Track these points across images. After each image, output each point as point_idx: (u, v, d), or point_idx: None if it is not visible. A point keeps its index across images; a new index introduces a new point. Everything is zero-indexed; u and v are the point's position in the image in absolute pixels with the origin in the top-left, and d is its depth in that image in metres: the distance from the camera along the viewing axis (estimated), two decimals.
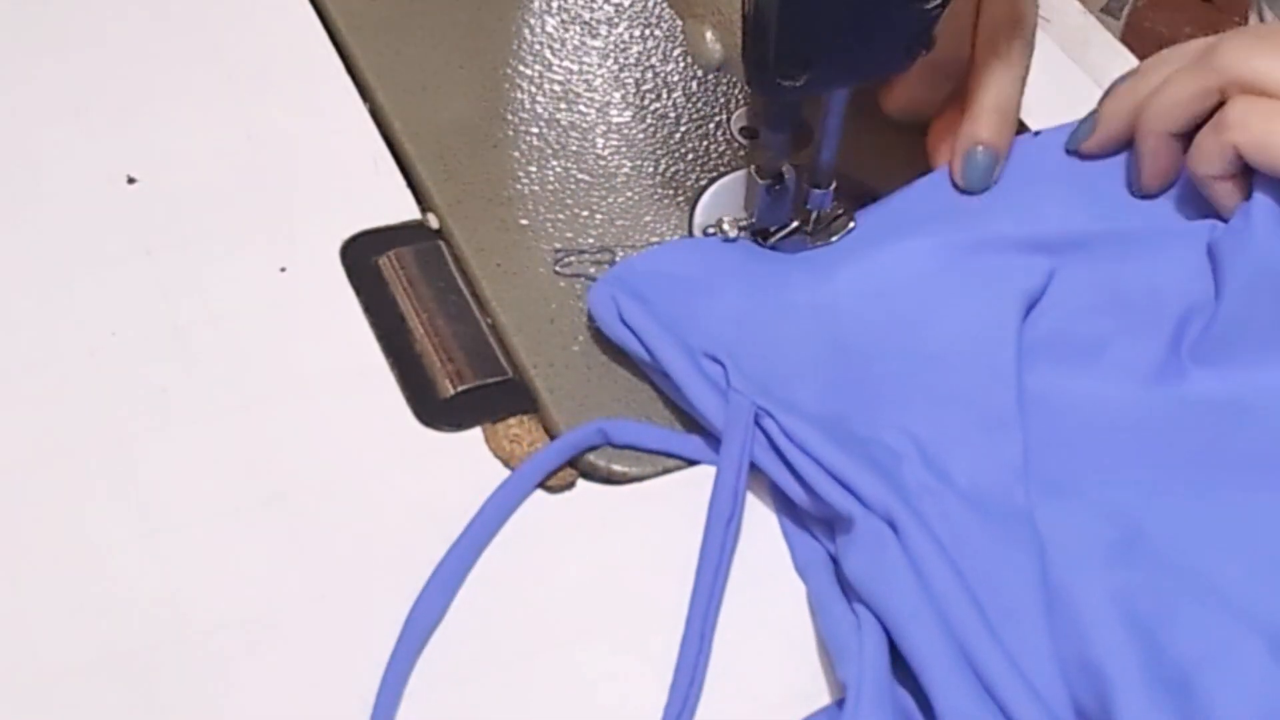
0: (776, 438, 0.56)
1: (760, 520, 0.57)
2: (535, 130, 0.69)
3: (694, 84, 0.72)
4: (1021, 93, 0.65)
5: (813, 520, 0.56)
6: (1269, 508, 0.54)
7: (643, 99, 0.71)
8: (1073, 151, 0.65)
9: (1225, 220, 0.62)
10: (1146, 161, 0.63)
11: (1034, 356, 0.59)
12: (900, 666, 0.51)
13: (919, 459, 0.55)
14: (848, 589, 0.54)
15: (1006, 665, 0.49)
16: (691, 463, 0.58)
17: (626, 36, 0.74)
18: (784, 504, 0.57)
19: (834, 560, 0.55)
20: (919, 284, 0.61)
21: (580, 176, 0.68)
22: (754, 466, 0.56)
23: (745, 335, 0.59)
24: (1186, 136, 0.62)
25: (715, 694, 0.52)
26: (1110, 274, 0.62)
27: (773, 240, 0.64)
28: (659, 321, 0.59)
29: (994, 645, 0.50)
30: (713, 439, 0.58)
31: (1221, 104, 0.60)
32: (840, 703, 0.51)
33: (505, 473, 0.57)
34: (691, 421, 0.59)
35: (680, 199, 0.67)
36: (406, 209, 0.66)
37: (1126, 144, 0.64)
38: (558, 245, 0.65)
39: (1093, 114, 0.65)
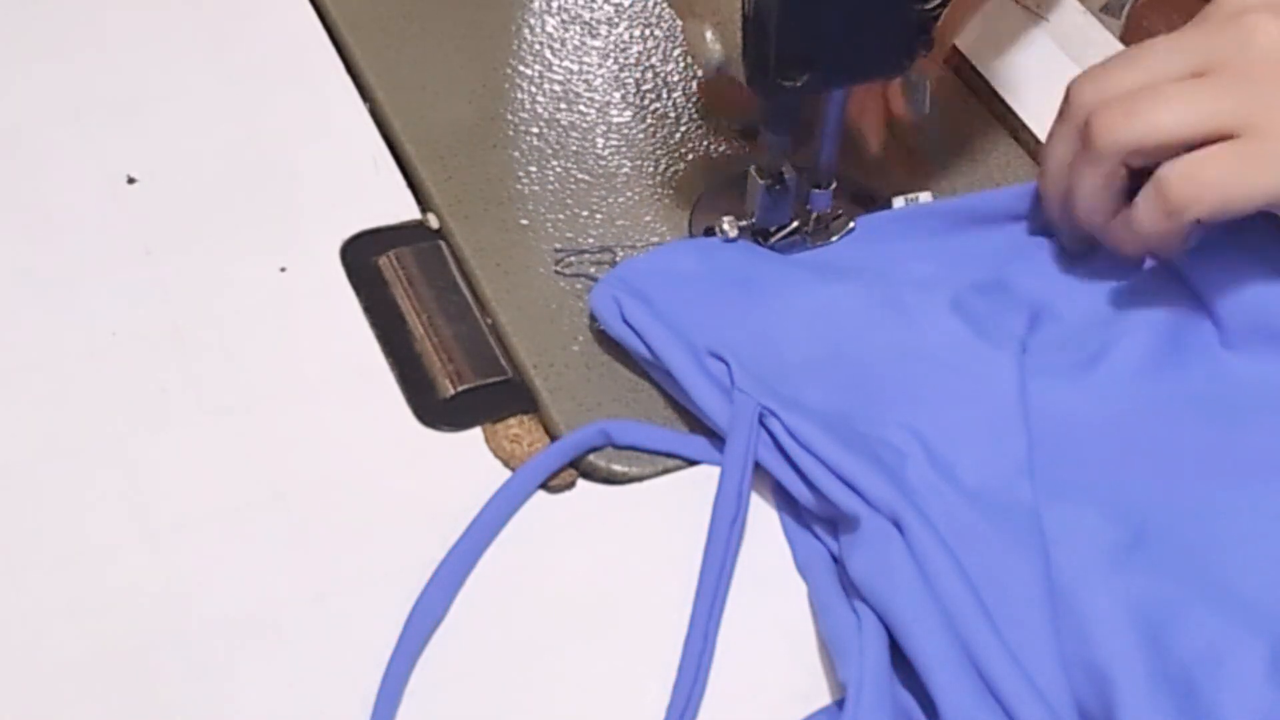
0: (781, 437, 0.56)
1: (762, 520, 0.57)
2: (535, 130, 0.69)
3: (694, 84, 0.72)
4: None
5: (815, 519, 0.56)
6: (1273, 507, 0.54)
7: (643, 99, 0.71)
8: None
9: None
10: (1109, 240, 0.59)
11: (1035, 357, 0.59)
12: (901, 666, 0.51)
13: (924, 457, 0.55)
14: (849, 588, 0.54)
15: (1010, 665, 0.49)
16: (692, 463, 0.58)
17: (626, 36, 0.74)
18: (785, 503, 0.57)
19: (835, 559, 0.55)
20: (919, 284, 0.61)
21: (580, 176, 0.68)
22: (757, 466, 0.56)
23: (748, 334, 0.59)
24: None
25: (716, 693, 0.52)
26: (1108, 276, 0.62)
27: (773, 240, 0.64)
28: (662, 321, 0.59)
29: (998, 646, 0.50)
30: (715, 439, 0.58)
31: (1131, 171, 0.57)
32: (840, 703, 0.51)
33: (505, 473, 0.57)
34: (692, 421, 0.59)
35: (680, 199, 0.67)
36: (406, 209, 0.66)
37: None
38: (558, 245, 0.65)
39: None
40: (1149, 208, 0.56)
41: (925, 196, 0.66)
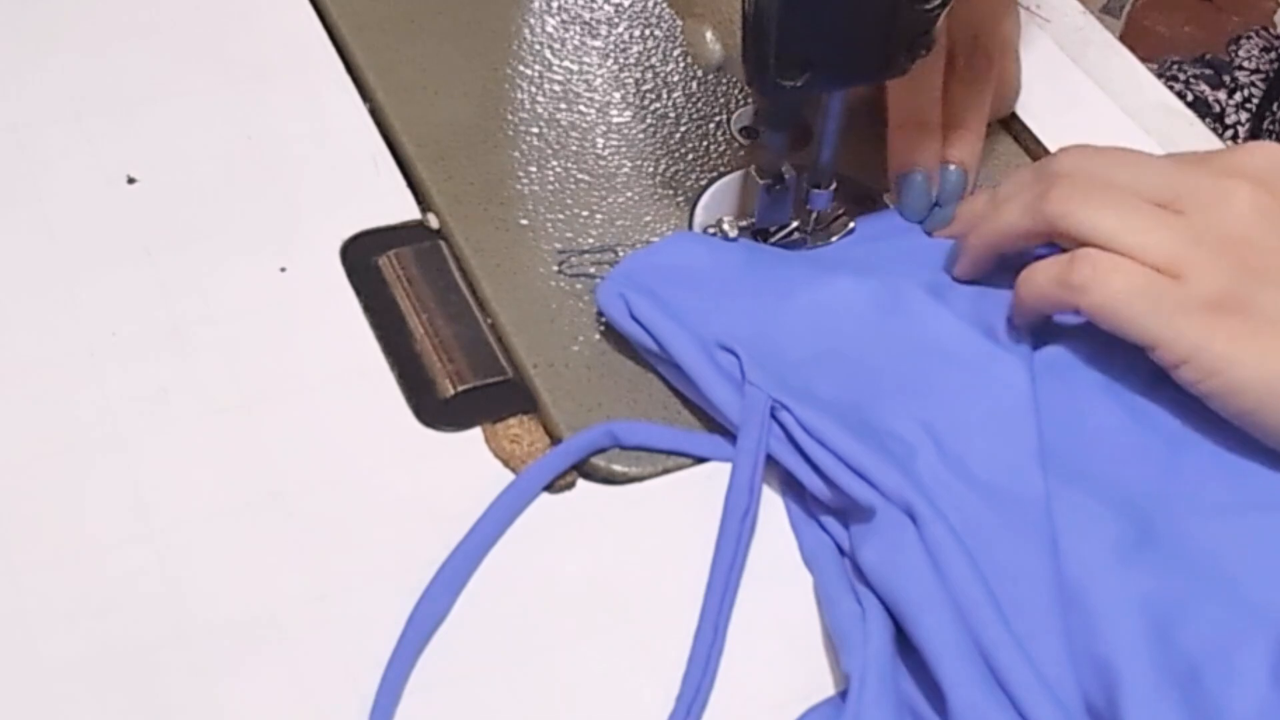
0: (793, 430, 0.56)
1: (771, 514, 0.57)
2: (535, 130, 0.69)
3: (694, 84, 0.72)
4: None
5: (823, 510, 0.56)
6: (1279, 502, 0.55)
7: (643, 99, 0.71)
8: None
9: None
10: (966, 264, 0.61)
11: (1043, 352, 0.59)
12: (906, 656, 0.51)
13: (934, 451, 0.55)
14: (854, 579, 0.54)
15: (1019, 658, 0.50)
16: (699, 461, 0.58)
17: (626, 36, 0.74)
18: (792, 494, 0.57)
19: (842, 551, 0.55)
20: (922, 280, 0.61)
21: (580, 176, 0.68)
22: (769, 459, 0.56)
23: (756, 327, 0.59)
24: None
25: (722, 687, 0.52)
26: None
27: (772, 240, 0.64)
28: (669, 315, 0.59)
29: (1007, 638, 0.50)
30: (721, 436, 0.58)
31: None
32: (844, 693, 0.51)
33: (505, 473, 0.57)
34: (693, 420, 0.59)
35: (680, 199, 0.67)
36: (406, 209, 0.66)
37: None
38: (558, 245, 0.65)
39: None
40: (1052, 269, 0.57)
41: None
